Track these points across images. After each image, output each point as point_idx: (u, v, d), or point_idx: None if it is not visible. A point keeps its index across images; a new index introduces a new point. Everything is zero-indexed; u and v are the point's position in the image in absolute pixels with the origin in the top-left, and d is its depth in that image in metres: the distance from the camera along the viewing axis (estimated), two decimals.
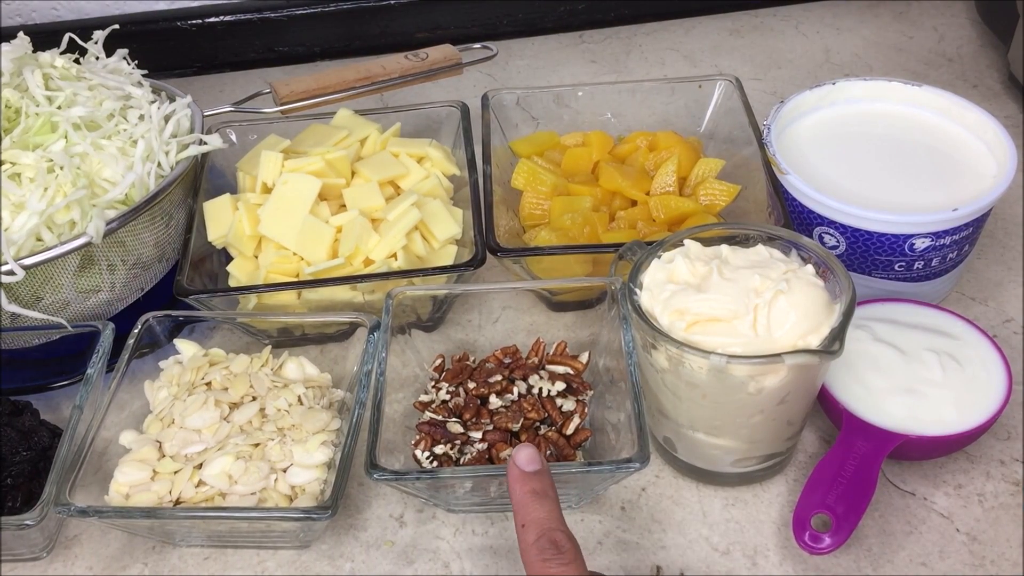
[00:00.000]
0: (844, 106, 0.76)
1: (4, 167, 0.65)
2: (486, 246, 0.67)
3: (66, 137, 0.68)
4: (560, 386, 0.62)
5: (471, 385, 0.62)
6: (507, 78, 1.02)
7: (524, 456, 0.50)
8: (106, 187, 0.67)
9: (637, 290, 0.57)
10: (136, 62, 0.78)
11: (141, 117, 0.72)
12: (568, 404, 0.62)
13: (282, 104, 0.79)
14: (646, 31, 1.08)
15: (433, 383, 0.64)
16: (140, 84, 0.75)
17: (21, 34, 0.74)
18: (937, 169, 0.70)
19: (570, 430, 0.60)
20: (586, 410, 0.61)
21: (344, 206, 0.72)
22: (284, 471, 0.59)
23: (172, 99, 0.76)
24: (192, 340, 0.68)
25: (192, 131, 0.74)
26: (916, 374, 0.61)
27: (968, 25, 1.04)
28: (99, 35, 0.78)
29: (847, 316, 0.53)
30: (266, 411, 0.62)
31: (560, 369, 0.64)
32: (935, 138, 0.73)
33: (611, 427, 0.61)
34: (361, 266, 0.69)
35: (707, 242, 0.59)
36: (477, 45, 0.87)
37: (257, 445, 0.60)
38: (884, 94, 0.76)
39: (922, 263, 0.67)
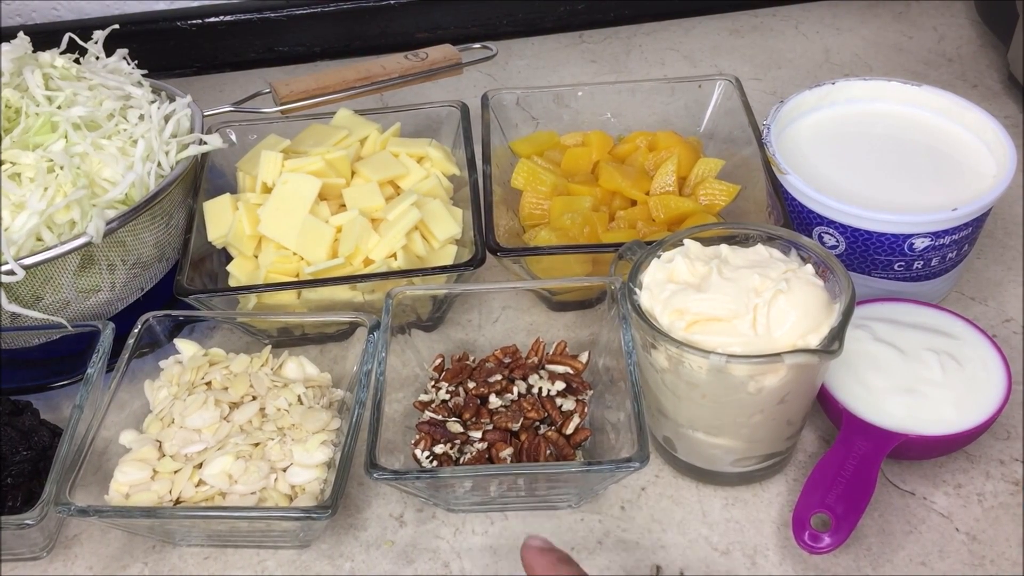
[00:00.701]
0: (844, 106, 0.76)
1: (4, 167, 0.65)
2: (486, 246, 0.67)
3: (66, 137, 0.68)
4: (560, 386, 0.62)
5: (471, 385, 0.62)
6: (507, 78, 1.02)
7: (539, 542, 0.48)
8: (106, 187, 0.67)
9: (637, 290, 0.57)
10: (136, 62, 0.78)
11: (141, 117, 0.72)
12: (568, 404, 0.62)
13: (282, 104, 0.79)
14: (646, 31, 1.08)
15: (433, 383, 0.64)
16: (140, 84, 0.75)
17: (21, 34, 0.74)
18: (937, 169, 0.70)
19: (570, 429, 0.60)
20: (586, 410, 0.61)
21: (344, 206, 0.72)
22: (284, 471, 0.59)
23: (172, 99, 0.76)
24: (192, 340, 0.68)
25: (192, 131, 0.74)
26: (916, 374, 0.61)
27: (968, 25, 1.04)
28: (99, 35, 0.78)
29: (847, 316, 0.53)
30: (266, 411, 0.62)
31: (560, 369, 0.64)
32: (935, 138, 0.73)
33: (611, 427, 0.61)
34: (361, 266, 0.69)
35: (707, 242, 0.59)
36: (477, 45, 0.87)
37: (257, 445, 0.60)
38: (884, 94, 0.76)
39: (922, 263, 0.67)
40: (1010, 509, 0.59)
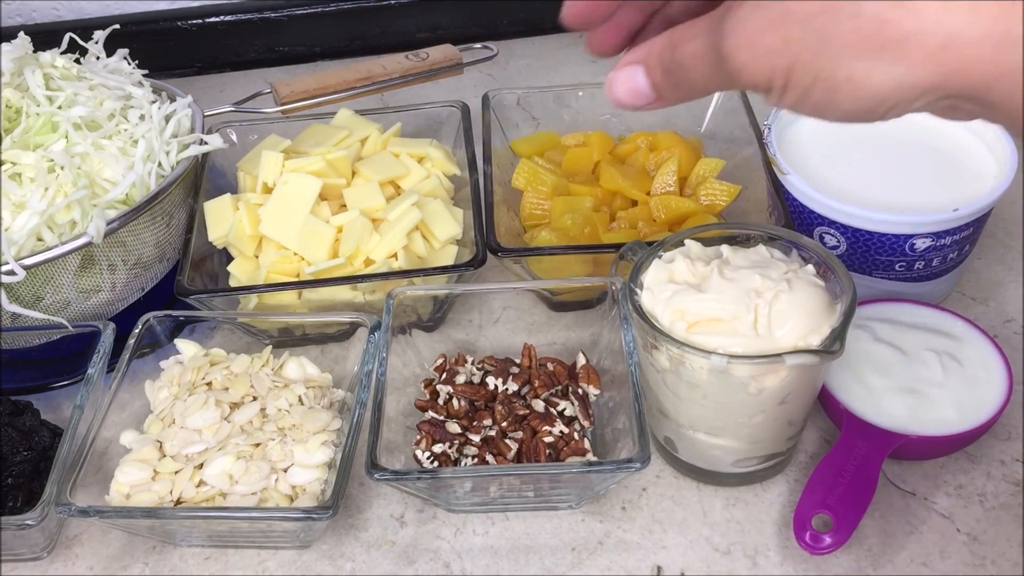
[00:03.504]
0: None
1: (5, 167, 0.65)
2: (487, 246, 0.67)
3: (67, 137, 0.68)
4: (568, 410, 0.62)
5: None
6: (507, 78, 1.02)
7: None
8: (107, 187, 0.67)
9: (638, 290, 0.57)
10: (137, 62, 0.78)
11: (142, 117, 0.72)
12: (571, 409, 0.61)
13: (283, 104, 0.79)
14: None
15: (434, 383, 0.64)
16: (141, 84, 0.75)
17: (22, 34, 0.74)
18: (937, 169, 0.70)
19: (574, 437, 0.60)
20: (590, 411, 0.61)
21: (345, 206, 0.72)
22: (285, 471, 0.59)
23: (173, 99, 0.76)
24: (193, 340, 0.68)
25: (193, 131, 0.74)
26: (917, 374, 0.61)
27: None
28: (99, 35, 0.78)
29: (848, 316, 0.53)
30: (267, 411, 0.62)
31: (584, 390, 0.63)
32: (935, 138, 0.72)
33: (612, 427, 0.61)
34: (362, 266, 0.69)
35: (708, 242, 0.59)
36: (477, 45, 0.87)
37: (258, 445, 0.60)
38: None
39: (923, 263, 0.67)
40: (1011, 509, 0.59)
